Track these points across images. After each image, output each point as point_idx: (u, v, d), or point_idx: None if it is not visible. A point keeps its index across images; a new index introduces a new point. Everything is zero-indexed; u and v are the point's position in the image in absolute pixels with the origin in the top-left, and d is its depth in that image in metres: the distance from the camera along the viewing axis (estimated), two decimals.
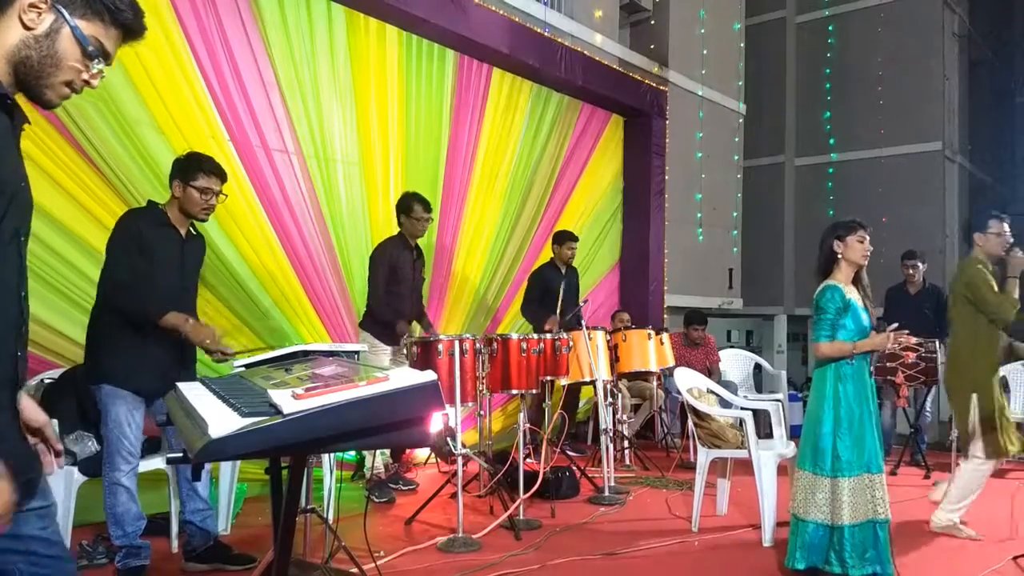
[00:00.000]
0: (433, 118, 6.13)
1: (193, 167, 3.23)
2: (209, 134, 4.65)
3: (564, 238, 6.30)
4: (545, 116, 7.22)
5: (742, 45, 11.24)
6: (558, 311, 5.70)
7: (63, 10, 1.38)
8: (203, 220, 3.35)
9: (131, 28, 1.47)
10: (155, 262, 3.14)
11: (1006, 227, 4.02)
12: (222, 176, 3.31)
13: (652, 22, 9.57)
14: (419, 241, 5.04)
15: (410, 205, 4.85)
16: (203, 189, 3.21)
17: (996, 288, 3.93)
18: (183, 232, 3.28)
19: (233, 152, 4.79)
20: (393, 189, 5.75)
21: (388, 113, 5.75)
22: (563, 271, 6.30)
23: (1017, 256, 3.98)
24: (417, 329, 5.10)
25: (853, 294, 3.37)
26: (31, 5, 1.37)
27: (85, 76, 1.43)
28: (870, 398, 3.32)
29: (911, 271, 6.32)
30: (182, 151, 4.42)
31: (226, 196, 3.36)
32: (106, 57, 1.45)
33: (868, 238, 3.39)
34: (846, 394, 3.28)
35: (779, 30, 13.77)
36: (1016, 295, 3.93)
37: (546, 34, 7.09)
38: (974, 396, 3.95)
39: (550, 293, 6.08)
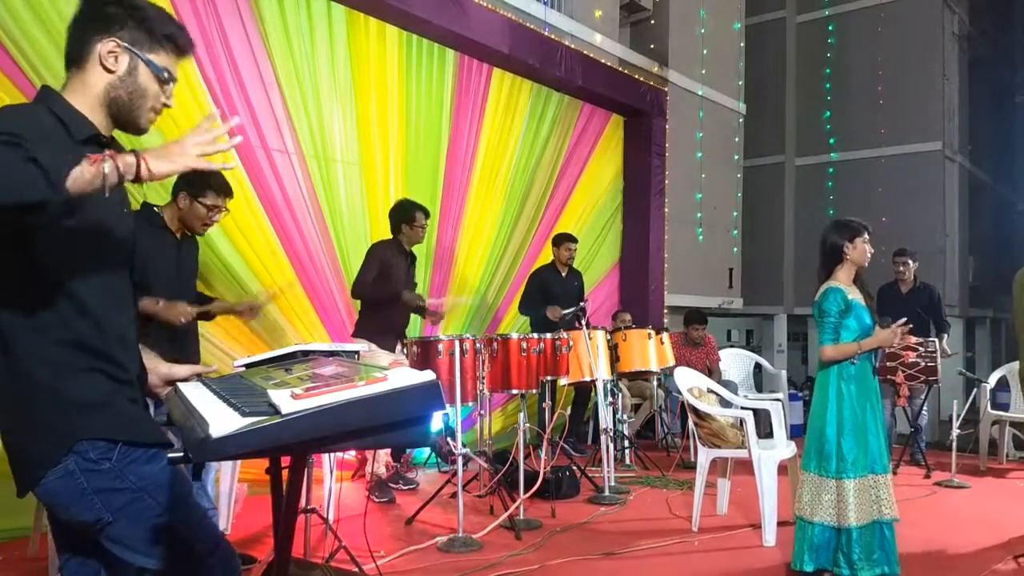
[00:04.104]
0: (433, 118, 6.13)
1: (204, 183, 3.14)
2: None
3: (561, 240, 6.31)
4: (545, 116, 7.22)
5: (742, 45, 11.24)
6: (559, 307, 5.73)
7: (134, 49, 1.56)
8: (200, 234, 3.32)
9: (184, 49, 1.66)
10: (150, 268, 3.11)
11: None
12: (230, 193, 3.27)
13: (652, 22, 9.57)
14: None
15: (413, 214, 4.82)
16: (210, 207, 3.17)
17: None
18: (179, 235, 3.27)
19: (233, 152, 4.77)
20: (393, 189, 5.75)
21: (388, 113, 5.75)
22: (563, 273, 6.29)
23: None
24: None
25: (855, 294, 3.37)
26: (109, 52, 1.55)
27: (163, 99, 1.64)
28: (874, 398, 3.31)
29: (901, 268, 6.25)
30: None
31: (228, 211, 3.32)
32: (174, 79, 1.65)
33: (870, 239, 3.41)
34: (849, 394, 3.27)
35: (779, 30, 13.77)
36: None
37: (546, 34, 7.09)
38: None
39: (548, 295, 6.08)
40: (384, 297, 4.67)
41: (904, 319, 3.33)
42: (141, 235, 3.08)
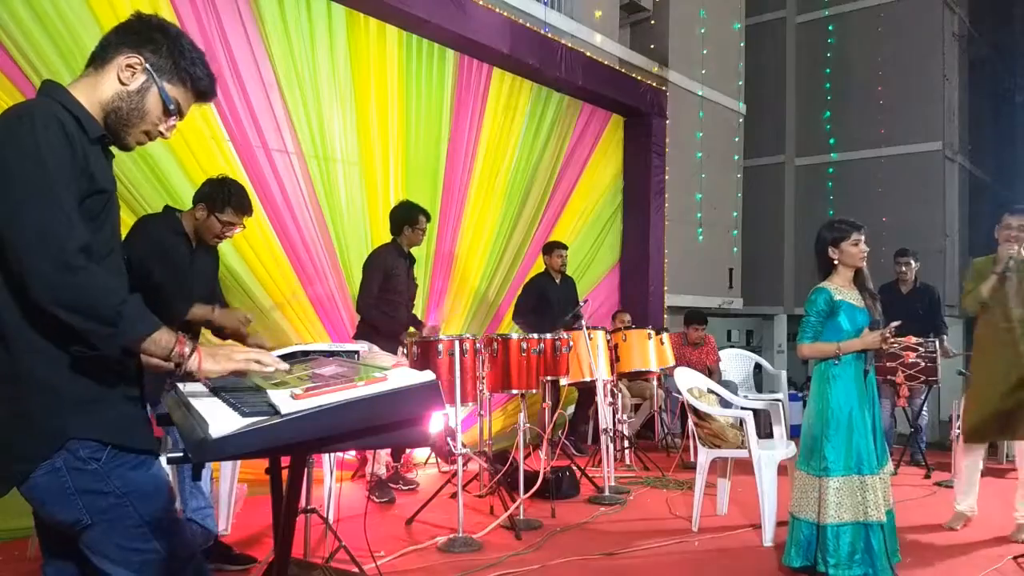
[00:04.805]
0: (433, 118, 6.13)
1: (224, 200, 3.14)
2: (209, 134, 4.65)
3: (552, 248, 6.32)
4: (545, 116, 7.23)
5: (742, 45, 11.24)
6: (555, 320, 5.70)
7: (154, 73, 1.62)
8: (211, 245, 3.33)
9: (205, 94, 1.72)
10: (160, 271, 3.10)
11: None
12: (250, 213, 3.26)
13: (652, 22, 9.59)
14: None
15: (415, 217, 4.81)
16: (227, 223, 3.18)
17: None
18: (194, 243, 3.26)
19: (233, 152, 4.79)
20: (393, 189, 5.75)
21: (388, 113, 5.75)
22: (557, 280, 6.29)
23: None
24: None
25: (849, 295, 3.36)
26: (128, 65, 1.60)
27: (161, 128, 1.68)
28: (865, 398, 3.30)
29: (903, 268, 6.23)
30: (182, 151, 4.46)
31: (244, 227, 3.31)
32: (181, 115, 1.70)
33: (863, 238, 3.37)
34: (835, 394, 3.28)
35: (779, 30, 13.78)
36: (986, 289, 3.92)
37: (546, 34, 7.09)
38: None
39: (545, 302, 6.08)
40: (385, 324, 4.68)
41: (897, 322, 3.32)
42: (158, 236, 3.09)
